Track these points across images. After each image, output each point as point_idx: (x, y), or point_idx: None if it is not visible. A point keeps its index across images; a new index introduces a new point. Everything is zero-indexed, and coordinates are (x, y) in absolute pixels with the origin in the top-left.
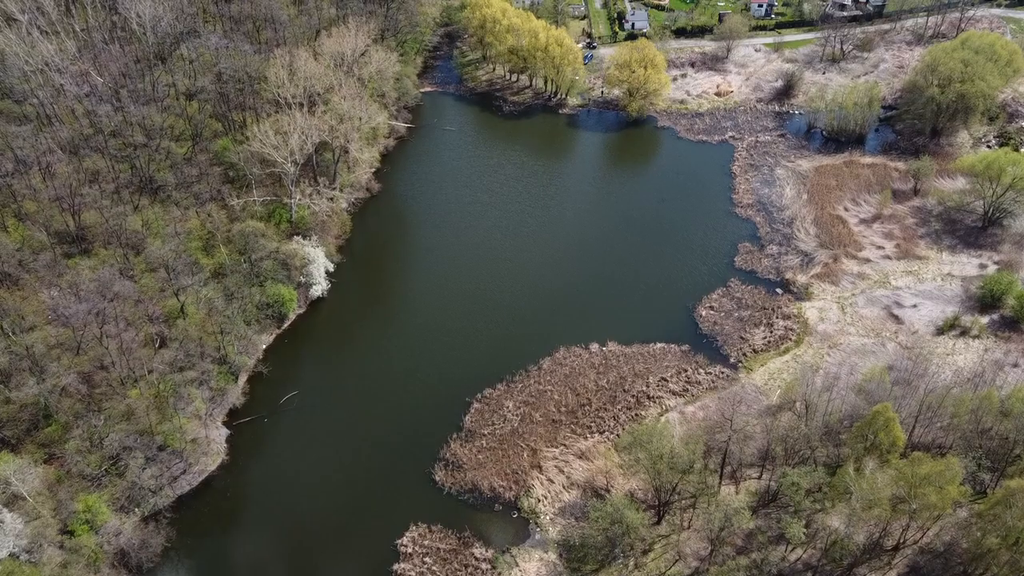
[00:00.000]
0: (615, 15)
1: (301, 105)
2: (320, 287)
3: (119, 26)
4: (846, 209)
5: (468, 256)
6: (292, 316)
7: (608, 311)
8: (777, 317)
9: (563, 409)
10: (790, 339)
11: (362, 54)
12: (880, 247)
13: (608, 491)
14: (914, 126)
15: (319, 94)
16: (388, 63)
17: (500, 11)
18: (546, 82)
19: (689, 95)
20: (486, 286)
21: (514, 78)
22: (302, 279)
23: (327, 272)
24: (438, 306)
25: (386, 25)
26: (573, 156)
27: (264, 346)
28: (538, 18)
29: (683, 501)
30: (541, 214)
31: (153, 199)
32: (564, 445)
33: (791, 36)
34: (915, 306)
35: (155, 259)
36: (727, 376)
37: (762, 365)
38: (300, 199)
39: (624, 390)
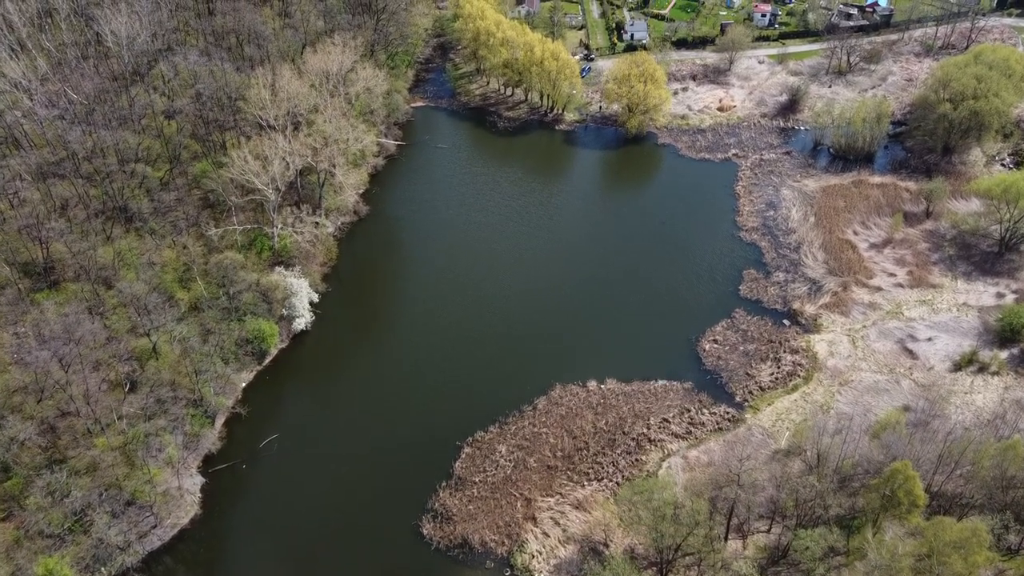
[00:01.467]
0: (613, 25)
1: (284, 127)
2: (304, 320)
3: (93, 43)
4: (855, 233)
5: (459, 283)
6: (274, 351)
7: (607, 344)
8: (785, 351)
9: (559, 454)
10: (799, 375)
11: (349, 71)
12: (892, 274)
13: (607, 546)
14: (925, 143)
15: (303, 115)
16: (376, 80)
17: (494, 23)
18: (542, 97)
19: (691, 110)
20: (479, 316)
21: (509, 92)
22: (284, 312)
23: (311, 303)
24: (428, 339)
25: (375, 38)
26: (570, 175)
27: (244, 384)
28: (534, 29)
29: (687, 558)
30: (536, 239)
31: (127, 228)
32: (560, 494)
33: (795, 47)
34: (930, 339)
35: (127, 295)
36: (732, 417)
37: (769, 404)
38: (282, 227)
39: (624, 432)
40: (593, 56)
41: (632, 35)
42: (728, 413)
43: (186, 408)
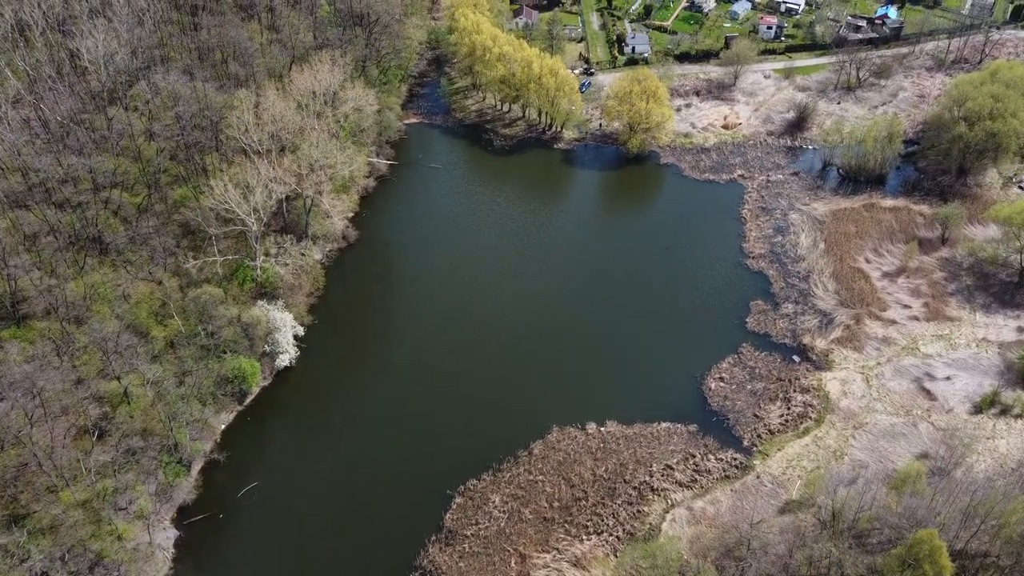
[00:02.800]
0: (614, 38)
1: (268, 151)
2: (288, 356)
3: (68, 61)
4: (867, 261)
5: (452, 314)
6: (256, 390)
7: (607, 381)
8: (795, 390)
9: (556, 504)
10: (809, 417)
11: (338, 90)
12: (906, 306)
13: None
14: (939, 164)
15: (288, 138)
16: (366, 99)
17: (491, 38)
18: (540, 114)
19: (694, 128)
20: (472, 349)
21: (506, 108)
22: (267, 348)
23: (296, 337)
24: (418, 375)
25: (367, 52)
26: (569, 197)
27: (223, 426)
28: (532, 41)
29: None
30: (533, 266)
31: (102, 259)
32: (557, 549)
33: (802, 61)
34: (948, 378)
35: (96, 336)
36: (740, 464)
37: (779, 450)
38: (265, 258)
39: (624, 480)
40: (593, 70)
41: (633, 48)
42: (735, 459)
43: (159, 455)
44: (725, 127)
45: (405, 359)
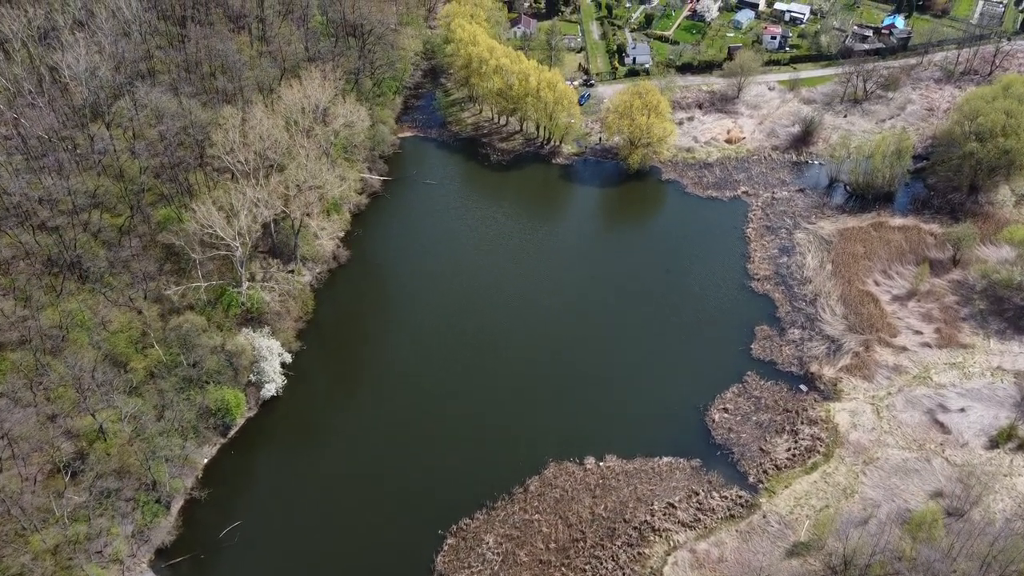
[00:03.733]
0: (614, 48)
1: (255, 171)
2: (274, 385)
3: (48, 77)
4: (876, 283)
5: (445, 340)
6: (240, 421)
7: (606, 411)
8: (802, 422)
9: (553, 546)
10: (818, 451)
11: (328, 107)
12: (918, 332)
13: None
14: (949, 180)
15: (275, 158)
16: (358, 116)
17: (487, 49)
18: (538, 128)
19: (697, 142)
20: (466, 378)
21: (503, 121)
22: (252, 378)
23: (283, 365)
24: (410, 406)
25: (361, 64)
26: (567, 215)
27: (205, 461)
28: (530, 51)
29: None
30: (529, 289)
31: (80, 284)
32: None
33: (808, 72)
34: (963, 410)
35: (70, 372)
36: (745, 502)
37: (786, 487)
38: (250, 284)
39: (624, 520)
40: (593, 81)
41: (634, 59)
42: (740, 497)
43: (137, 494)
44: (728, 141)
45: (396, 388)
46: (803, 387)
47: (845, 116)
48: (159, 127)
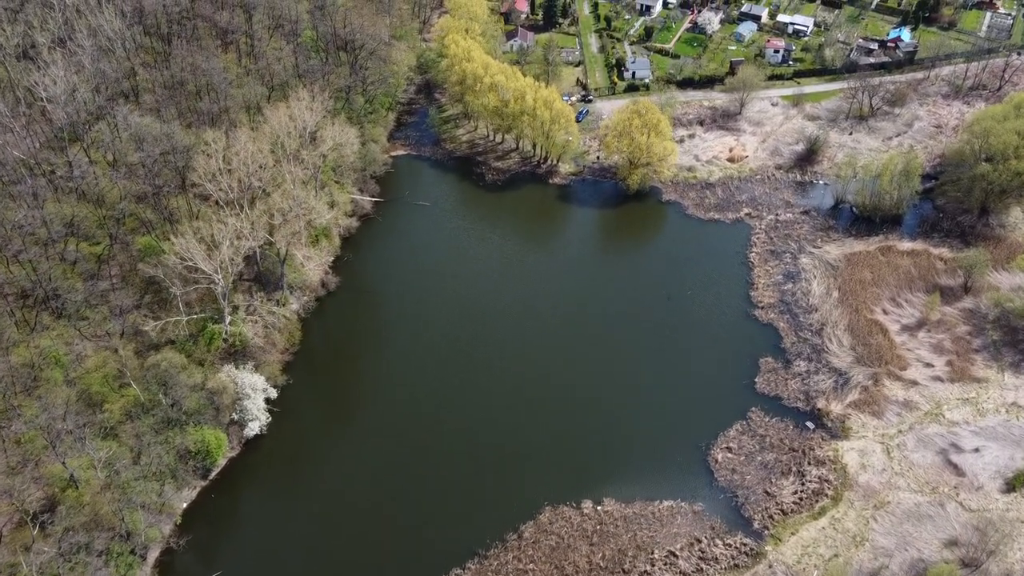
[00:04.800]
0: (613, 62)
1: (239, 199)
2: (258, 423)
3: (24, 99)
4: (885, 312)
5: (437, 372)
6: (222, 462)
7: (604, 450)
8: (809, 463)
9: None
10: (826, 495)
11: (315, 132)
12: (928, 364)
13: None
14: (958, 201)
15: (260, 185)
16: (347, 138)
17: (482, 66)
18: (534, 146)
19: (698, 161)
20: (458, 413)
21: (498, 138)
22: (235, 416)
23: (268, 400)
24: (399, 443)
25: (352, 81)
26: (564, 239)
27: (184, 505)
28: (527, 64)
29: None
30: (525, 317)
31: (56, 318)
32: None
33: (812, 87)
34: (977, 450)
35: (39, 419)
36: (750, 550)
37: (793, 533)
38: (232, 317)
39: (624, 571)
40: (591, 97)
41: (634, 73)
42: (745, 545)
43: (111, 544)
44: (731, 160)
45: (386, 424)
46: (810, 424)
47: (851, 133)
48: (139, 153)
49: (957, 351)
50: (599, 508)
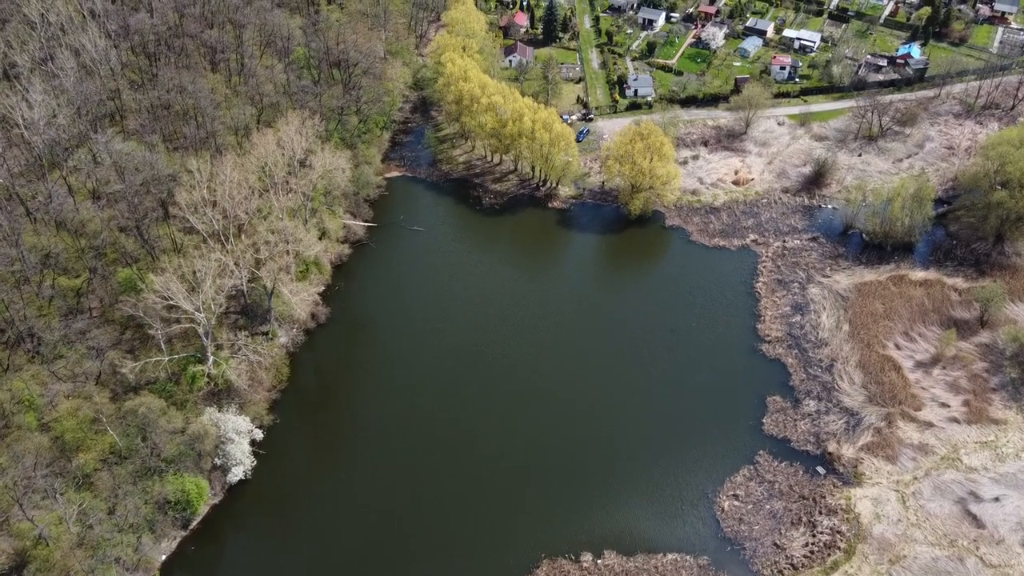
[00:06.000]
0: (615, 79)
1: (226, 231)
2: (242, 468)
3: (2, 125)
4: (897, 347)
5: (428, 410)
6: (204, 510)
7: (604, 497)
8: (820, 512)
9: None
10: (838, 547)
11: (304, 159)
12: (944, 404)
13: None
14: (973, 228)
15: (246, 218)
16: (338, 164)
17: (479, 85)
18: (533, 168)
19: (702, 184)
20: (452, 453)
21: (496, 159)
22: (217, 461)
23: (254, 442)
24: (391, 487)
25: (345, 101)
26: (564, 267)
27: (163, 558)
28: (525, 82)
29: None
30: (521, 352)
31: (31, 358)
32: None
33: (819, 105)
34: (997, 499)
35: (16, 455)
36: None
37: None
38: (215, 356)
39: None
40: (592, 115)
41: (636, 91)
42: None
43: None
44: (736, 183)
45: (377, 466)
46: (820, 469)
47: (859, 155)
48: (118, 185)
49: (974, 390)
50: (599, 562)
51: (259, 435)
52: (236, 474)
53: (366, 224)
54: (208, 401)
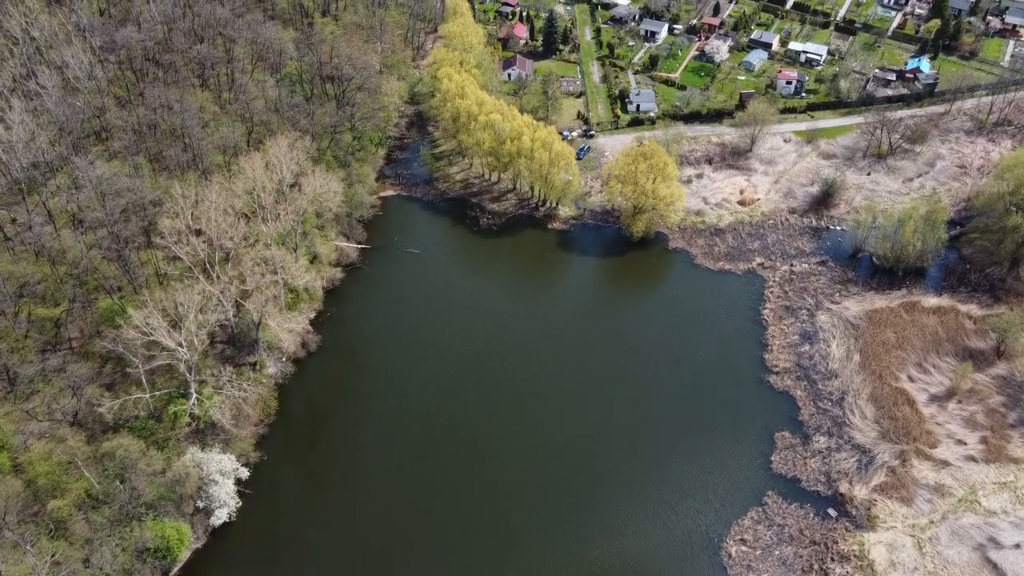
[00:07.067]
0: (616, 93)
1: (211, 260)
2: (226, 510)
3: None
4: (911, 379)
5: (424, 442)
6: (186, 555)
7: (606, 542)
8: (832, 558)
9: None
10: None
11: (293, 184)
12: (961, 441)
13: None
14: (987, 251)
15: (231, 246)
16: (330, 187)
17: (477, 103)
18: (532, 187)
19: (707, 204)
20: (447, 493)
21: (494, 177)
22: (200, 504)
23: (239, 481)
24: (384, 526)
25: (339, 118)
26: (564, 291)
27: None
28: (525, 95)
29: None
30: (522, 379)
31: (5, 396)
32: None
33: (826, 121)
34: (1018, 546)
35: None
36: None
37: None
38: (201, 390)
39: None
40: (593, 132)
41: (638, 106)
42: None
43: None
44: (742, 203)
45: (369, 503)
46: (832, 512)
47: (868, 173)
48: (98, 212)
49: (991, 426)
50: None
51: (245, 473)
52: (220, 516)
53: (360, 246)
54: (191, 438)
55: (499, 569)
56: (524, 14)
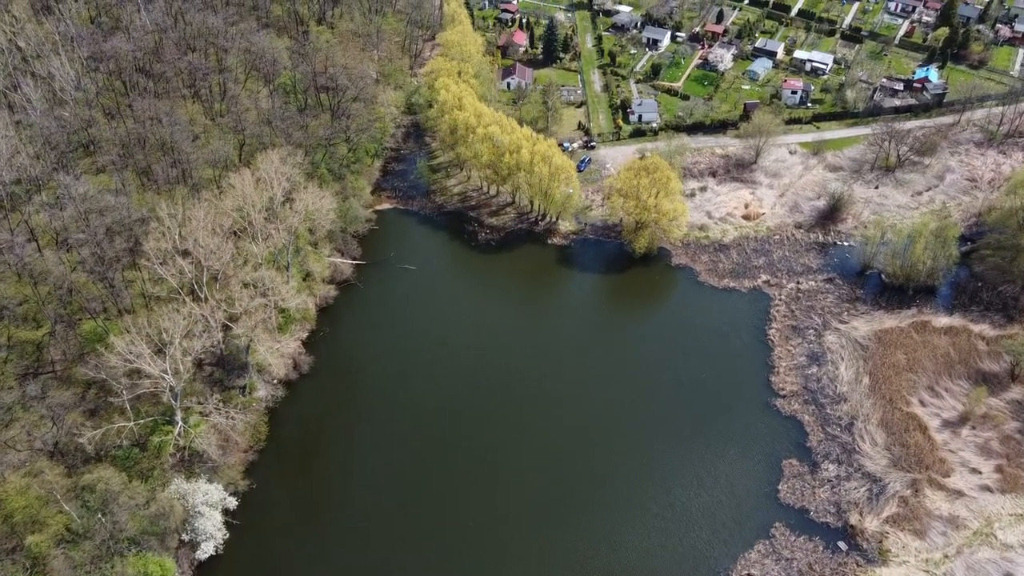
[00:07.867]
0: (618, 103)
1: (199, 282)
2: (213, 542)
3: None
4: (922, 403)
5: (419, 468)
6: None
7: None
8: None
9: None
10: None
11: (285, 200)
12: (975, 470)
13: None
14: (1000, 269)
15: (218, 268)
16: (323, 204)
17: (475, 115)
18: (531, 201)
19: (711, 218)
20: (443, 521)
21: (493, 190)
22: (185, 537)
23: (227, 511)
24: (377, 554)
25: (333, 130)
26: (564, 310)
27: None
28: (525, 105)
29: None
30: (520, 401)
31: None
32: None
33: (832, 132)
34: None
35: None
36: None
37: None
38: (187, 417)
39: None
40: (594, 143)
41: (640, 117)
42: None
43: None
44: (746, 217)
45: (362, 529)
46: (842, 545)
47: (876, 187)
48: (81, 233)
49: (1007, 454)
50: None
51: (233, 503)
52: (206, 550)
53: (354, 262)
54: (177, 467)
55: None
56: (524, 21)
